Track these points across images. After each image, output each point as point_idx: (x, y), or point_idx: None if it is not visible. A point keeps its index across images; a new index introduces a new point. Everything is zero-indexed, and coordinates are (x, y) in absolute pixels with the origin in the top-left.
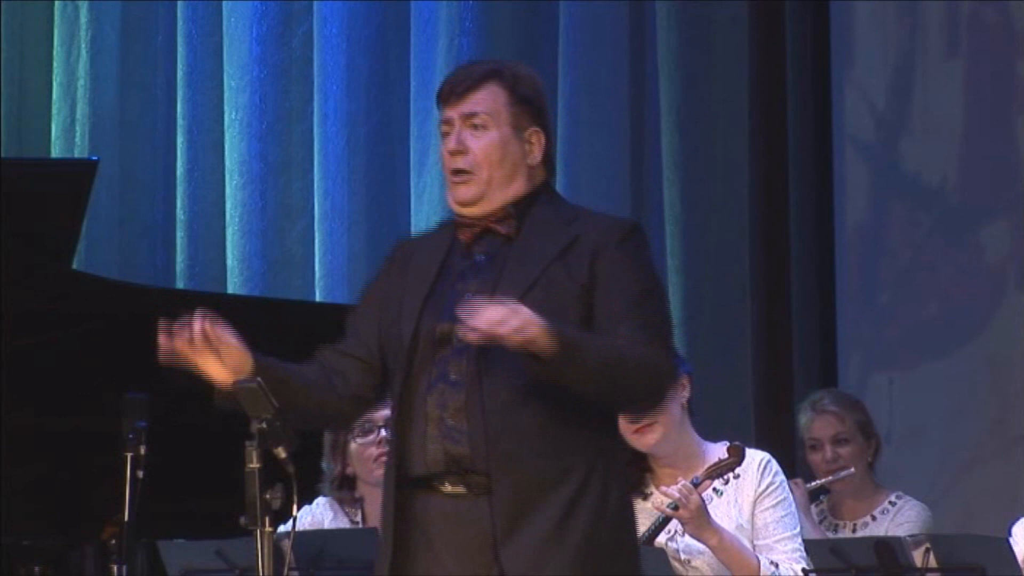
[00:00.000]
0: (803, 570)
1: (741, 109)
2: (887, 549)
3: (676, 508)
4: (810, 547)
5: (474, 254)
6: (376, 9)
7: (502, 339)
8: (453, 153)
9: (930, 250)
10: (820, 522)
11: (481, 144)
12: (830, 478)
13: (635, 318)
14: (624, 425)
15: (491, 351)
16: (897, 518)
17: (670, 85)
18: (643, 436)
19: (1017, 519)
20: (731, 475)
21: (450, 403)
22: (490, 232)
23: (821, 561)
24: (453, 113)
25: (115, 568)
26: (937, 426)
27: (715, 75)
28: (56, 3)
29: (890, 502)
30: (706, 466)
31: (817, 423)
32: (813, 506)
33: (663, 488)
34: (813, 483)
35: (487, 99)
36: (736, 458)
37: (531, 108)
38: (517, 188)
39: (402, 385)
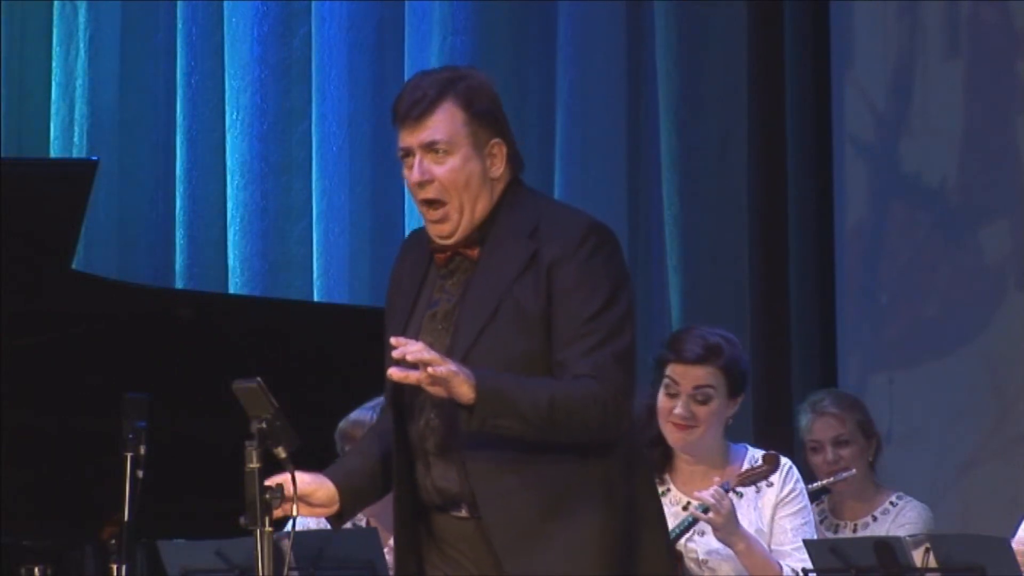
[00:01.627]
0: (803, 570)
1: (740, 109)
2: (887, 549)
3: (706, 511)
4: (810, 547)
5: (444, 277)
6: (375, 9)
7: (421, 383)
8: (420, 184)
9: (930, 250)
10: (821, 522)
11: (445, 171)
12: (831, 479)
13: (583, 343)
14: (664, 415)
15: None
16: (898, 519)
17: (668, 85)
18: (679, 432)
19: (1009, 533)
20: (764, 483)
21: (433, 443)
22: (459, 254)
23: (821, 561)
24: (412, 142)
25: (115, 568)
26: (937, 426)
27: (714, 75)
28: (55, 3)
29: (891, 502)
30: (727, 467)
31: (818, 425)
32: (814, 506)
33: (696, 492)
34: (815, 484)
35: (444, 124)
36: (771, 467)
37: (488, 120)
38: (482, 207)
39: (395, 422)
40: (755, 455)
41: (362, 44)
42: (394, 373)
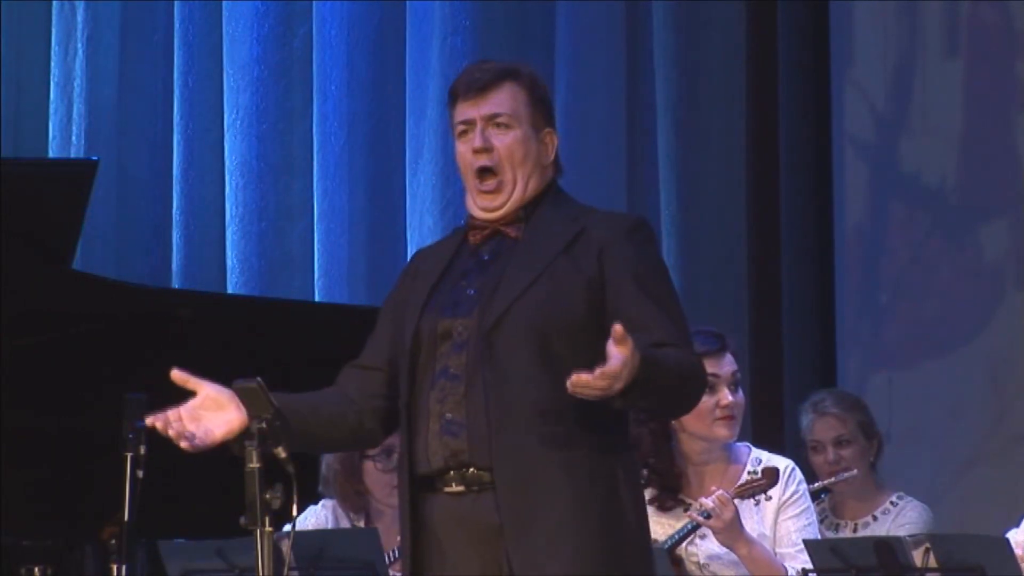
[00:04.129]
0: (803, 570)
1: (739, 109)
2: (887, 549)
3: (708, 517)
4: (810, 547)
5: (480, 253)
6: (374, 9)
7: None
8: (478, 151)
9: (929, 250)
10: (821, 521)
11: (506, 142)
12: (832, 479)
13: (667, 319)
14: (706, 416)
15: (493, 341)
16: (899, 519)
17: (667, 85)
18: (727, 425)
19: (1010, 528)
20: (763, 496)
21: (450, 397)
22: (499, 234)
23: (821, 561)
24: (474, 113)
25: (115, 568)
26: (937, 426)
27: (712, 75)
28: (54, 2)
29: (891, 502)
30: (731, 467)
31: (819, 425)
32: (814, 505)
33: (701, 499)
34: (816, 484)
35: (508, 99)
36: (770, 481)
37: (545, 109)
38: (532, 188)
39: (408, 384)
40: (759, 456)
41: (362, 44)
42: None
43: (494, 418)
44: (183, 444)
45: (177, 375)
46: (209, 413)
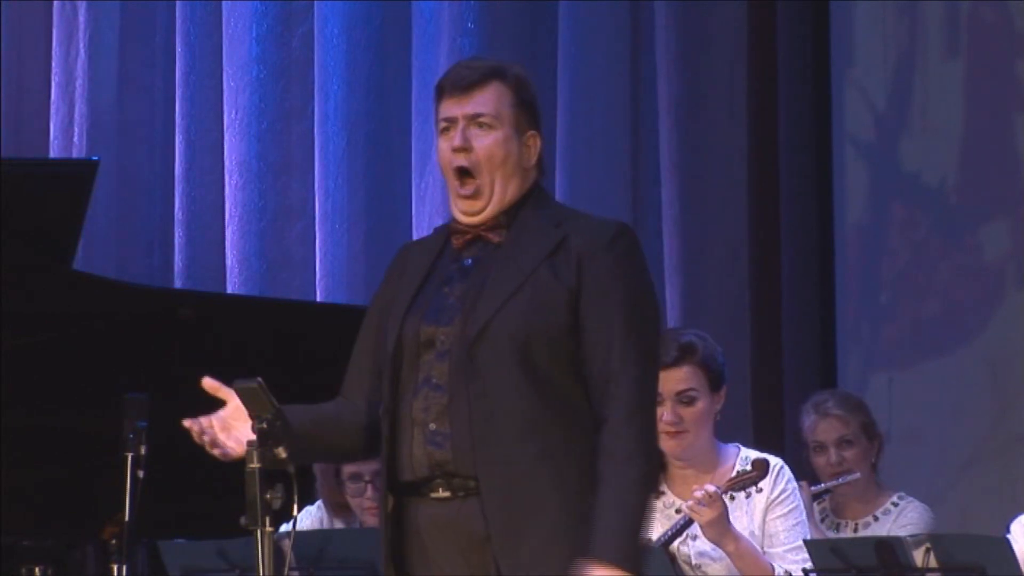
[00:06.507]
0: (803, 570)
1: (740, 110)
2: (887, 549)
3: None
4: (810, 547)
5: (463, 258)
6: (376, 9)
7: None
8: (456, 150)
9: (930, 250)
10: (822, 520)
11: (486, 143)
12: (835, 482)
13: (624, 349)
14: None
15: (475, 353)
16: (899, 519)
17: (669, 85)
18: (672, 439)
19: (1016, 516)
20: (753, 489)
21: (433, 407)
22: (481, 239)
23: (821, 561)
24: (457, 111)
25: (115, 568)
26: (936, 426)
27: (714, 76)
28: (55, 3)
29: (892, 503)
30: (719, 469)
31: (821, 426)
32: (815, 504)
33: (693, 492)
34: (818, 486)
35: (492, 99)
36: (760, 472)
37: (530, 111)
38: (513, 191)
39: (390, 392)
40: (747, 456)
41: (364, 44)
42: None
43: (477, 429)
44: (215, 452)
45: (208, 383)
46: (239, 424)
